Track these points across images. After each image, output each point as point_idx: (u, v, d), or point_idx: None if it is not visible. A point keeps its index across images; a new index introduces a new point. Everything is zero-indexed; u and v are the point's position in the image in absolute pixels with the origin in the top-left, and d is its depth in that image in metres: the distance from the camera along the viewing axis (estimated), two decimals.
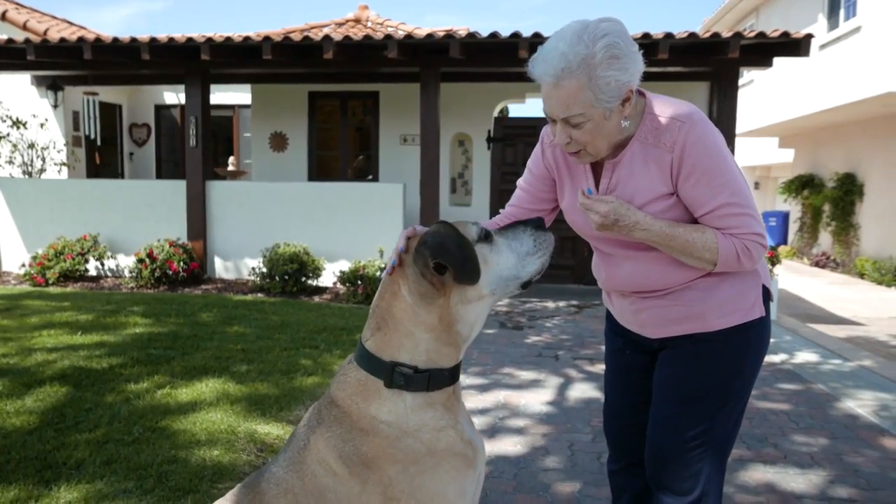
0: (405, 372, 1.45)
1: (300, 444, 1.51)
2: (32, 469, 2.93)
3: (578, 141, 1.59)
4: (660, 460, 1.82)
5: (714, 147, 1.60)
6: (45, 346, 4.92)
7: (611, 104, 1.52)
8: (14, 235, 8.86)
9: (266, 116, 10.04)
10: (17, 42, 7.65)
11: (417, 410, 1.45)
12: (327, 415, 1.50)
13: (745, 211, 1.62)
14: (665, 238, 1.61)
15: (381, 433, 1.43)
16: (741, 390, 1.78)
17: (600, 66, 1.48)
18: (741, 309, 1.74)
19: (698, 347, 1.76)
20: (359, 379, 1.49)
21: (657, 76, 8.24)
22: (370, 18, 10.42)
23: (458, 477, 1.46)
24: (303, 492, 1.46)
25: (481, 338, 5.93)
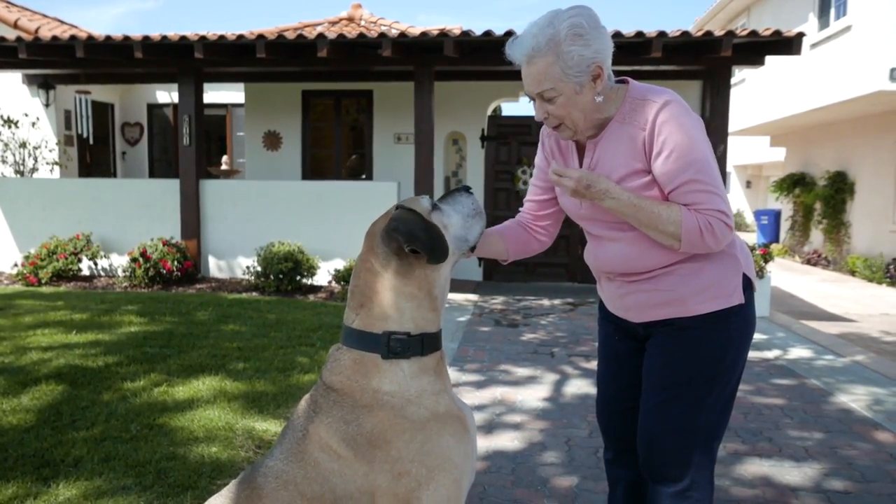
0: (400, 338, 1.51)
1: (298, 435, 1.52)
2: (30, 466, 2.92)
3: (555, 115, 1.72)
4: (650, 448, 1.84)
5: (684, 126, 1.66)
6: (39, 345, 4.90)
7: (579, 78, 1.65)
8: (6, 235, 8.80)
9: (260, 115, 10.02)
10: (9, 40, 7.60)
11: (415, 377, 1.51)
12: (325, 402, 1.52)
13: (710, 188, 1.66)
14: (633, 208, 1.68)
15: (386, 405, 1.47)
16: (726, 377, 1.80)
17: (564, 43, 1.62)
18: (721, 295, 1.76)
19: (680, 335, 1.80)
20: (353, 359, 1.53)
21: (650, 75, 8.28)
22: (364, 17, 10.41)
23: (461, 440, 1.52)
24: (305, 480, 1.46)
25: (477, 335, 5.95)
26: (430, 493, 1.45)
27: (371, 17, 10.43)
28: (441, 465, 1.47)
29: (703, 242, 1.67)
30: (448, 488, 1.47)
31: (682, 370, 1.80)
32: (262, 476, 1.52)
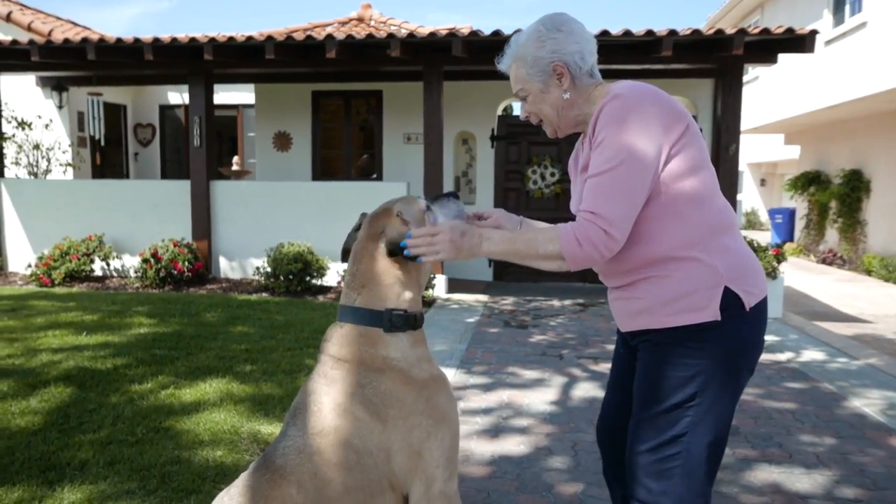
0: (399, 314, 1.70)
1: (313, 410, 1.66)
2: (37, 470, 2.94)
3: (530, 112, 1.85)
4: (629, 470, 1.77)
5: (622, 121, 1.61)
6: (50, 346, 4.94)
7: (541, 77, 1.77)
8: (20, 236, 8.90)
9: (270, 116, 10.05)
10: (22, 43, 7.67)
11: (413, 347, 1.72)
12: (337, 373, 1.67)
13: (604, 189, 1.60)
14: (509, 243, 1.68)
15: (395, 367, 1.67)
16: (705, 402, 1.67)
17: (524, 47, 1.79)
18: (690, 309, 1.66)
19: (655, 350, 1.73)
20: (359, 333, 1.70)
21: (661, 73, 8.21)
22: (373, 17, 10.41)
23: (451, 400, 1.75)
24: (329, 445, 1.60)
25: (486, 337, 5.92)
26: (437, 444, 1.64)
27: (381, 17, 10.44)
28: (442, 420, 1.67)
29: (585, 253, 1.60)
30: (450, 440, 1.68)
31: (654, 389, 1.72)
32: (281, 457, 1.63)
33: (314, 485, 1.58)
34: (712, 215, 1.69)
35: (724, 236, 1.70)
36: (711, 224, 1.68)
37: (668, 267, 1.67)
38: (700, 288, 1.65)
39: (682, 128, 1.65)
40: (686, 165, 1.65)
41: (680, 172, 1.65)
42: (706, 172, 1.70)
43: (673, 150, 1.63)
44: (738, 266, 1.69)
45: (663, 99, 1.67)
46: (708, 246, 1.66)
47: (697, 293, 1.65)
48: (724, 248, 1.69)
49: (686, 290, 1.66)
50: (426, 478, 1.62)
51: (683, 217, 1.66)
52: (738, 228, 1.77)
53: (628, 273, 1.74)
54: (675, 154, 1.64)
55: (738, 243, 1.73)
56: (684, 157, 1.65)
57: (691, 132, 1.67)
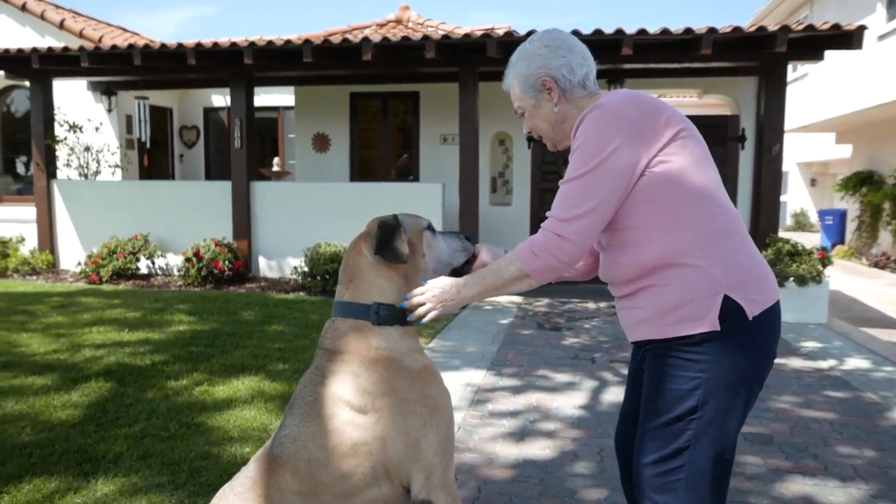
0: (386, 306, 1.75)
1: (308, 400, 1.71)
2: (74, 461, 3.05)
3: (530, 127, 1.90)
4: (636, 481, 1.75)
5: (596, 131, 1.62)
6: (93, 342, 5.12)
7: (531, 93, 1.82)
8: (71, 235, 9.25)
9: (309, 118, 10.21)
10: (73, 49, 7.98)
11: (402, 338, 1.76)
12: (332, 364, 1.72)
13: (565, 192, 1.64)
14: (479, 280, 1.75)
15: (387, 357, 1.71)
16: (707, 415, 1.63)
17: (517, 67, 1.84)
18: (687, 319, 1.62)
19: (657, 361, 1.71)
20: (350, 326, 1.75)
21: (701, 72, 8.05)
22: (411, 19, 10.47)
23: (444, 389, 1.79)
24: (322, 433, 1.65)
25: (518, 338, 5.90)
26: (432, 432, 1.68)
27: (418, 18, 10.49)
28: (437, 408, 1.72)
29: (544, 262, 1.64)
30: (444, 428, 1.72)
31: (655, 402, 1.70)
32: (278, 446, 1.69)
33: (309, 471, 1.63)
34: (712, 219, 1.64)
35: (726, 241, 1.65)
36: (711, 227, 1.64)
37: (667, 275, 1.65)
38: (698, 297, 1.62)
39: (673, 132, 1.62)
40: (680, 168, 1.62)
41: (674, 176, 1.61)
42: (705, 174, 1.65)
43: (661, 155, 1.61)
44: (739, 273, 1.64)
45: (648, 106, 1.64)
46: (707, 252, 1.62)
47: (695, 302, 1.62)
48: (725, 253, 1.64)
49: (684, 299, 1.63)
50: (425, 467, 1.66)
51: (680, 222, 1.63)
52: (742, 231, 1.70)
53: (630, 282, 1.72)
54: (666, 159, 1.61)
55: (741, 248, 1.67)
56: (678, 161, 1.62)
57: (685, 135, 1.64)
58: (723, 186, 1.71)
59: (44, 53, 8.09)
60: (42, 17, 10.56)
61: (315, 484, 1.63)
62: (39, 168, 9.14)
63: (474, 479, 3.08)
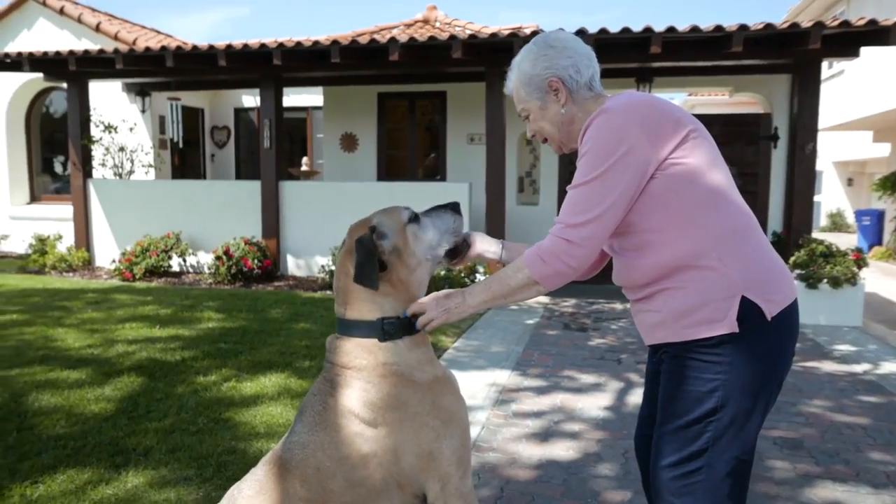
0: (392, 321, 1.70)
1: (318, 409, 1.69)
2: (105, 454, 3.13)
3: (534, 130, 1.86)
4: (653, 484, 1.74)
5: (605, 137, 1.60)
6: (126, 338, 5.24)
7: (538, 94, 1.79)
8: (106, 233, 9.47)
9: (337, 118, 10.29)
10: (108, 52, 8.16)
11: (410, 351, 1.71)
12: (341, 380, 1.69)
13: (573, 198, 1.62)
14: (486, 290, 1.70)
15: (396, 372, 1.68)
16: (726, 418, 1.62)
17: (519, 68, 1.82)
18: (705, 321, 1.61)
19: (674, 364, 1.69)
20: (356, 343, 1.70)
21: (732, 70, 7.92)
22: (438, 19, 10.49)
23: (458, 398, 1.75)
24: (331, 445, 1.64)
25: (544, 339, 5.87)
26: (447, 443, 1.65)
27: (445, 18, 10.50)
28: (451, 419, 1.68)
29: (553, 268, 1.61)
30: (459, 438, 1.68)
31: (673, 405, 1.69)
32: (287, 451, 1.68)
33: (317, 479, 1.63)
34: (726, 219, 1.63)
35: (741, 241, 1.63)
36: (726, 228, 1.62)
37: (683, 277, 1.63)
38: (715, 299, 1.60)
39: (683, 134, 1.62)
40: (693, 170, 1.61)
41: (687, 177, 1.61)
42: (717, 175, 1.64)
43: (672, 157, 1.60)
44: (757, 273, 1.62)
45: (656, 109, 1.63)
46: (723, 253, 1.61)
47: (712, 304, 1.60)
48: (742, 254, 1.62)
49: (700, 301, 1.61)
50: (440, 476, 1.64)
51: (695, 223, 1.61)
52: (757, 231, 1.69)
53: (645, 285, 1.71)
54: (678, 161, 1.61)
55: (757, 248, 1.65)
56: (690, 162, 1.61)
57: (696, 137, 1.63)
58: (735, 186, 1.70)
59: (80, 56, 8.30)
60: (79, 20, 10.83)
61: (324, 492, 1.62)
62: (76, 168, 9.37)
63: (497, 478, 3.09)
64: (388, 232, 1.74)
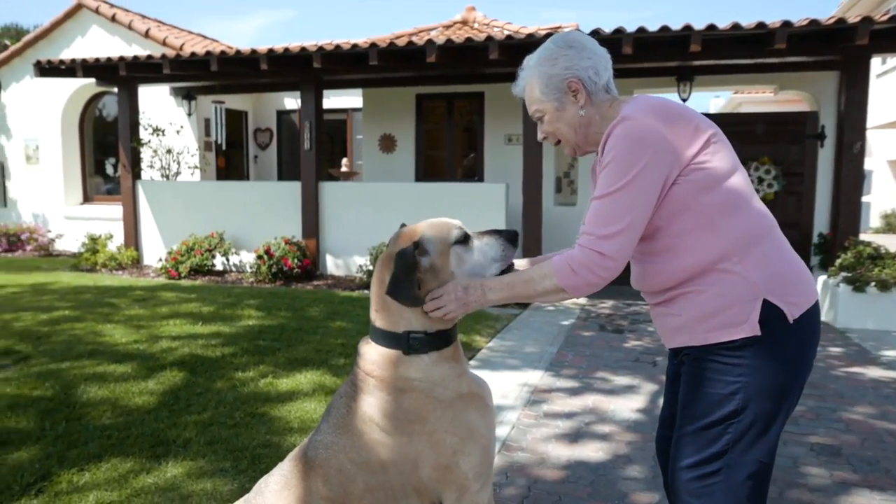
0: (418, 336, 1.70)
1: (342, 412, 1.73)
2: (147, 445, 3.27)
3: (548, 132, 1.84)
4: (672, 485, 1.75)
5: (628, 145, 1.60)
6: (170, 334, 5.43)
7: (556, 95, 1.77)
8: (154, 232, 9.79)
9: (376, 119, 10.42)
10: (155, 57, 8.45)
11: (436, 365, 1.70)
12: (364, 386, 1.71)
13: (602, 209, 1.61)
14: (509, 287, 1.69)
15: (417, 388, 1.68)
16: (746, 420, 1.63)
17: (536, 68, 1.79)
18: (728, 325, 1.62)
19: (694, 366, 1.70)
20: (381, 352, 1.72)
21: (776, 67, 7.75)
22: (477, 19, 10.52)
23: (483, 414, 1.73)
24: (353, 449, 1.68)
25: (579, 340, 5.85)
26: (465, 459, 1.65)
27: (484, 18, 10.52)
28: (470, 436, 1.67)
29: (583, 279, 1.60)
30: (479, 455, 1.68)
31: (693, 406, 1.70)
32: (313, 449, 1.73)
33: (339, 480, 1.67)
34: (747, 223, 1.64)
35: (762, 244, 1.64)
36: (747, 232, 1.63)
37: (705, 281, 1.64)
38: (736, 302, 1.61)
39: (703, 140, 1.63)
40: (713, 176, 1.62)
41: (707, 184, 1.62)
42: (736, 179, 1.65)
43: (693, 163, 1.61)
44: (779, 276, 1.63)
45: (676, 116, 1.63)
46: (744, 256, 1.62)
47: (734, 308, 1.61)
48: (763, 257, 1.63)
49: (722, 304, 1.62)
50: (457, 487, 1.65)
51: (716, 228, 1.62)
52: (777, 233, 1.70)
53: (666, 290, 1.72)
54: (699, 166, 1.61)
55: (778, 250, 1.67)
56: (710, 168, 1.62)
57: (716, 141, 1.64)
58: (753, 189, 1.71)
59: (129, 61, 8.61)
60: (129, 27, 11.21)
61: (344, 493, 1.66)
62: (125, 169, 9.71)
63: (524, 477, 3.10)
64: (431, 249, 1.72)
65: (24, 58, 11.89)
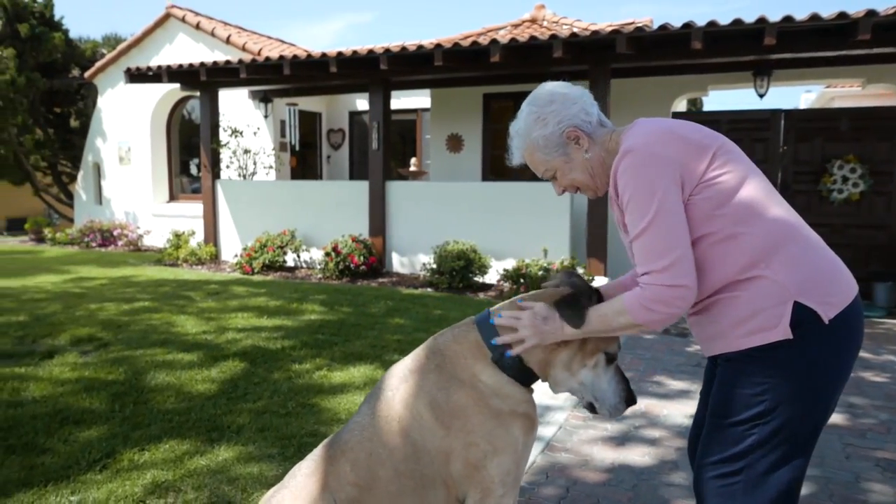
0: (515, 360, 1.73)
1: (388, 395, 1.75)
2: (204, 429, 3.45)
3: (565, 185, 1.85)
4: (696, 483, 1.75)
5: (639, 177, 1.59)
6: (236, 326, 5.68)
7: (559, 150, 1.77)
8: (231, 229, 10.26)
9: (443, 119, 10.51)
10: (233, 62, 8.85)
11: (511, 384, 1.73)
12: (427, 363, 1.75)
13: (646, 245, 1.60)
14: (587, 324, 1.69)
15: (477, 388, 1.70)
16: (774, 422, 1.60)
17: (530, 135, 1.78)
18: (760, 329, 1.59)
19: (728, 367, 1.68)
20: (477, 340, 1.75)
21: (861, 59, 7.29)
22: (546, 18, 10.43)
23: (527, 435, 1.74)
24: (388, 431, 1.69)
25: (640, 343, 5.72)
26: (495, 464, 1.67)
27: (553, 16, 10.42)
28: (505, 448, 1.69)
29: (661, 314, 1.58)
30: (509, 465, 1.69)
31: (722, 406, 1.68)
32: (349, 432, 1.77)
33: (368, 464, 1.70)
34: (770, 227, 1.61)
35: (789, 246, 1.61)
36: (771, 237, 1.60)
37: (737, 287, 1.63)
38: (767, 306, 1.59)
39: (709, 155, 1.62)
40: (725, 191, 1.61)
41: (721, 199, 1.61)
42: (752, 186, 1.63)
43: (703, 181, 1.61)
44: (808, 276, 1.59)
45: (677, 137, 1.63)
46: (771, 261, 1.60)
47: (765, 312, 1.59)
48: (790, 259, 1.60)
49: (753, 309, 1.60)
50: (483, 488, 1.67)
51: (738, 239, 1.61)
52: (804, 233, 1.65)
53: (699, 300, 1.71)
54: (710, 183, 1.61)
55: (807, 249, 1.62)
56: (721, 182, 1.61)
57: (723, 154, 1.64)
58: (775, 191, 1.67)
59: (209, 67, 9.06)
60: (212, 34, 11.79)
61: (371, 478, 1.69)
62: (206, 169, 10.23)
63: (565, 478, 3.08)
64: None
65: (118, 65, 12.72)
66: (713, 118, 8.56)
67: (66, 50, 14.41)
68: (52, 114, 14.69)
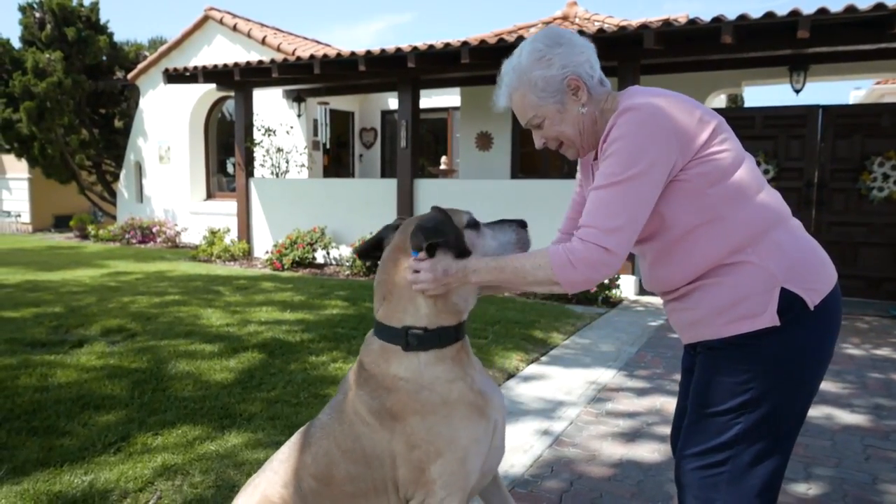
0: (417, 333, 1.65)
1: (341, 398, 1.76)
2: (216, 416, 3.52)
3: (549, 138, 1.74)
4: (677, 474, 1.70)
5: (637, 134, 1.51)
6: (259, 319, 5.79)
7: (556, 97, 1.66)
8: (263, 226, 10.45)
9: (473, 117, 10.51)
10: (265, 62, 9.02)
11: (430, 366, 1.65)
12: (358, 377, 1.74)
13: (604, 199, 1.52)
14: (497, 272, 1.62)
15: (402, 389, 1.64)
16: (760, 411, 1.57)
17: (528, 71, 1.66)
18: (746, 316, 1.55)
19: (710, 355, 1.63)
20: (380, 345, 1.71)
21: None
22: (578, 14, 10.34)
23: (469, 425, 1.64)
24: (341, 435, 1.70)
25: (662, 342, 5.62)
26: (436, 467, 1.61)
27: (585, 13, 10.33)
28: (447, 446, 1.61)
29: (582, 275, 1.51)
30: (453, 465, 1.61)
31: (704, 395, 1.63)
32: (314, 427, 1.79)
33: (325, 462, 1.69)
34: (758, 212, 1.57)
35: (776, 231, 1.57)
36: (759, 221, 1.56)
37: (720, 273, 1.59)
38: (754, 293, 1.55)
39: (709, 132, 1.56)
40: (721, 168, 1.56)
41: (716, 176, 1.56)
42: (744, 168, 1.58)
43: (699, 157, 1.55)
44: (796, 263, 1.56)
45: (681, 107, 1.57)
46: (758, 246, 1.56)
47: (752, 298, 1.55)
48: (777, 244, 1.56)
49: (739, 295, 1.56)
50: (425, 492, 1.62)
51: (727, 221, 1.56)
52: (790, 220, 1.62)
53: (680, 280, 1.66)
54: (705, 159, 1.55)
55: (793, 237, 1.59)
56: (719, 160, 1.56)
57: (720, 132, 1.58)
58: (763, 177, 1.63)
59: (242, 67, 9.24)
60: (248, 35, 12.03)
61: (328, 476, 1.68)
62: (240, 167, 10.44)
63: (569, 472, 3.05)
64: None
65: (159, 67, 13.07)
66: (747, 114, 8.36)
67: (110, 52, 14.88)
68: (96, 114, 15.19)
